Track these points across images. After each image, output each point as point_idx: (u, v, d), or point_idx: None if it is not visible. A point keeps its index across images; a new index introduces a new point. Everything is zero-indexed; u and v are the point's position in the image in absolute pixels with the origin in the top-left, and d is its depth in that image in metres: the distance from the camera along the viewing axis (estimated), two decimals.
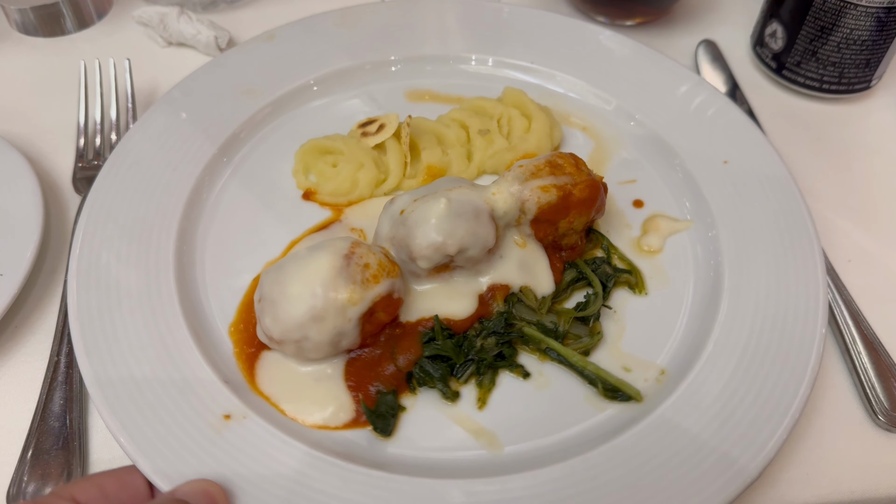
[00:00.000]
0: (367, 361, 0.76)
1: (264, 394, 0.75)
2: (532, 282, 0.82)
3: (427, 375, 0.76)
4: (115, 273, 0.79)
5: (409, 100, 1.05)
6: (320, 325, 0.71)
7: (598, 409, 0.75)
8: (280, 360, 0.77)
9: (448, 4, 1.11)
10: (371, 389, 0.75)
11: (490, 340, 0.78)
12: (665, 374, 0.78)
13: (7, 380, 0.79)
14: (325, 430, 0.73)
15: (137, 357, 0.73)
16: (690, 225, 0.90)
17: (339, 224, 0.89)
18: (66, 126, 1.02)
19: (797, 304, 0.78)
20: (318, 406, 0.74)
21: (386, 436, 0.72)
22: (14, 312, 0.83)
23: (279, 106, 1.00)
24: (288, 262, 0.74)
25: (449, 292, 0.80)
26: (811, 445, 0.76)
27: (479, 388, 0.77)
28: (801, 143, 1.05)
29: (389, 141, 0.93)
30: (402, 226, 0.77)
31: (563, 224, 0.82)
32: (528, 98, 0.98)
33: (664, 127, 0.98)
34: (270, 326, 0.72)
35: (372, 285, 0.73)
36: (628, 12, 1.20)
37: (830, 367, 0.82)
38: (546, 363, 0.79)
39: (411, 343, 0.77)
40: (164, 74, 1.10)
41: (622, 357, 0.80)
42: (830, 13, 0.99)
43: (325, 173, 0.92)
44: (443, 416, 0.75)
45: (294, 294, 0.71)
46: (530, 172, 0.81)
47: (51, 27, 1.16)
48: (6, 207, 0.86)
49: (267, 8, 1.23)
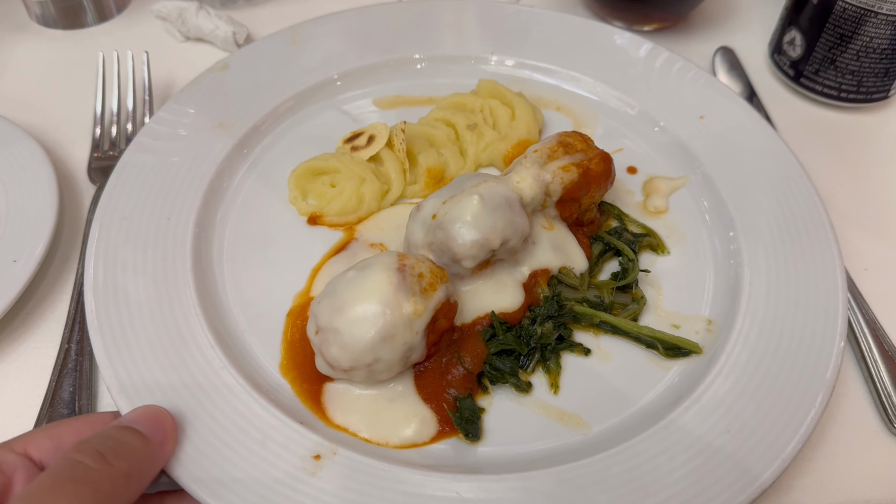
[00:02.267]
0: (434, 371, 0.75)
1: (341, 426, 0.72)
2: (567, 261, 0.83)
3: (498, 372, 0.75)
4: (153, 371, 0.73)
5: (380, 107, 1.03)
6: (391, 344, 0.69)
7: (665, 369, 0.78)
8: (345, 388, 0.74)
9: (409, 6, 1.11)
10: (447, 397, 0.73)
11: (548, 325, 0.78)
12: (713, 323, 0.81)
13: (18, 366, 0.79)
14: (414, 448, 0.71)
15: (202, 419, 0.68)
16: (687, 179, 0.94)
17: (357, 242, 0.87)
18: (83, 117, 1.03)
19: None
20: (401, 425, 0.72)
21: (477, 439, 0.71)
22: (26, 299, 0.83)
23: (252, 135, 0.95)
24: (339, 287, 0.72)
25: (495, 287, 0.80)
26: (826, 453, 0.75)
27: (547, 374, 0.77)
28: (819, 151, 1.04)
29: (383, 151, 0.91)
30: (440, 230, 0.76)
31: (585, 200, 0.84)
32: (503, 87, 0.99)
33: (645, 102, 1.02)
34: (339, 356, 0.69)
35: (431, 294, 0.72)
36: (646, 18, 1.20)
37: (846, 376, 0.81)
38: (601, 337, 0.80)
39: (475, 344, 0.76)
40: (181, 69, 1.11)
41: (668, 316, 0.82)
42: (850, 21, 0.98)
43: (326, 194, 0.89)
44: (523, 409, 0.75)
45: (358, 317, 0.69)
46: (546, 156, 0.82)
47: (71, 20, 1.18)
48: (22, 195, 0.87)
49: (284, 6, 1.24)
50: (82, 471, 0.53)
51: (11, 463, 0.55)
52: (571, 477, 0.67)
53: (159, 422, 0.62)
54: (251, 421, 0.68)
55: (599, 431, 0.73)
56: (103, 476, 0.53)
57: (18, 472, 0.55)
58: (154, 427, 0.61)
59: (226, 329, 0.78)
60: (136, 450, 0.58)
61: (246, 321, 0.79)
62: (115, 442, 0.57)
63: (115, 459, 0.55)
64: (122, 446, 0.57)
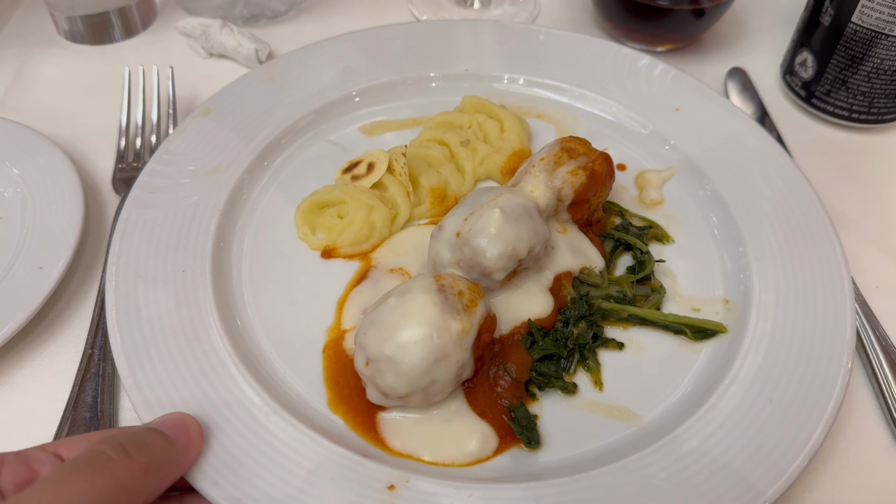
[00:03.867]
0: (482, 386, 0.76)
1: (403, 453, 0.72)
2: (586, 261, 0.86)
3: (544, 377, 0.77)
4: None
5: (367, 134, 1.04)
6: (445, 364, 0.70)
7: (696, 352, 0.81)
8: (400, 415, 0.74)
9: (402, 29, 1.12)
10: (500, 409, 0.75)
11: (581, 325, 0.80)
12: (730, 302, 0.85)
13: (42, 370, 0.81)
14: (479, 464, 0.71)
15: (268, 468, 0.67)
16: (675, 170, 0.99)
17: (376, 269, 0.87)
18: (108, 130, 1.06)
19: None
20: (463, 443, 0.72)
21: (538, 446, 0.73)
22: (51, 305, 0.86)
23: (248, 178, 0.94)
24: (382, 315, 0.72)
25: (524, 296, 0.82)
26: (836, 468, 0.75)
27: (589, 372, 0.79)
28: (830, 171, 1.05)
29: (385, 176, 0.92)
30: (467, 246, 0.77)
31: (594, 200, 0.86)
32: (487, 101, 1.01)
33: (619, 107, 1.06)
34: (395, 384, 0.69)
35: (473, 310, 0.73)
36: (658, 38, 1.22)
37: (857, 391, 0.81)
38: (630, 330, 0.83)
39: (517, 353, 0.78)
40: (204, 84, 1.14)
41: (686, 301, 0.86)
42: (861, 43, 0.99)
43: (336, 226, 0.89)
44: (572, 410, 0.76)
45: (410, 342, 0.69)
46: (553, 163, 0.85)
47: (98, 35, 1.22)
48: (49, 204, 0.89)
49: (306, 24, 1.29)
50: (103, 459, 0.54)
51: (40, 458, 0.57)
52: (638, 467, 0.69)
53: (184, 427, 0.64)
54: (314, 460, 0.68)
55: (650, 420, 0.75)
56: (122, 467, 0.55)
57: (46, 467, 0.57)
58: (179, 431, 0.63)
59: (267, 374, 0.76)
60: (158, 448, 0.60)
61: (284, 363, 0.78)
62: (139, 438, 0.59)
63: (137, 454, 0.56)
64: (145, 443, 0.59)
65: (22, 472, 0.56)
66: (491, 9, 1.33)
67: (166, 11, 1.30)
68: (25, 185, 0.92)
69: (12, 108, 1.11)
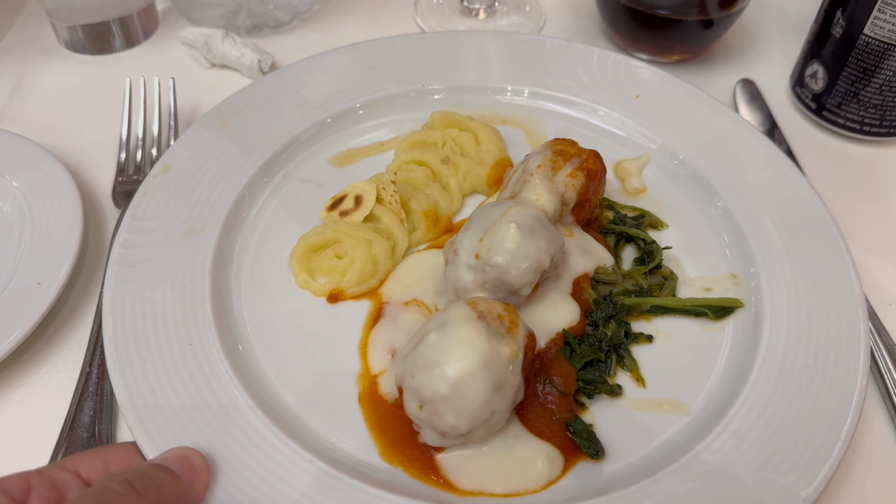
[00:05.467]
0: (532, 405, 0.74)
1: (474, 491, 0.69)
2: (598, 261, 0.85)
3: (591, 384, 0.76)
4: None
5: (337, 165, 0.99)
6: (502, 392, 0.68)
7: (721, 331, 0.83)
8: (459, 453, 0.71)
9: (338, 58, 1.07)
10: (556, 426, 0.73)
11: (612, 325, 0.80)
12: (737, 277, 0.87)
13: (39, 388, 0.79)
14: (550, 487, 0.70)
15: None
16: (649, 156, 1.00)
17: (389, 305, 0.83)
18: (108, 141, 1.05)
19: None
20: (531, 468, 0.70)
21: (604, 455, 0.72)
22: (48, 322, 0.84)
23: (228, 233, 0.88)
24: (426, 355, 0.68)
25: (550, 306, 0.81)
26: (851, 492, 0.73)
27: (628, 371, 0.79)
28: (841, 184, 1.03)
29: (375, 207, 0.88)
30: (489, 267, 0.75)
31: (594, 199, 0.86)
32: (457, 114, 1.00)
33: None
34: (456, 422, 0.67)
35: (515, 331, 0.71)
36: (666, 49, 1.20)
37: (871, 412, 0.79)
38: (654, 320, 0.83)
39: (560, 365, 0.76)
40: (206, 95, 1.12)
41: (697, 282, 0.87)
42: (873, 55, 0.98)
43: (336, 268, 0.85)
44: (624, 412, 0.76)
45: (465, 377, 0.66)
46: (550, 168, 0.84)
47: (99, 45, 1.20)
48: (47, 218, 0.88)
49: (310, 34, 1.27)
50: (110, 496, 0.55)
51: (66, 481, 0.58)
52: (707, 456, 0.69)
53: (189, 461, 0.64)
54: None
55: (700, 407, 0.76)
56: (130, 503, 0.55)
57: (73, 490, 0.58)
58: (184, 466, 0.63)
59: (312, 438, 0.72)
60: (164, 484, 0.60)
61: (323, 422, 0.74)
62: (146, 475, 0.59)
63: (144, 490, 0.57)
64: (152, 480, 0.59)
65: (51, 498, 0.57)
66: (496, 19, 1.32)
67: (168, 21, 1.28)
68: (24, 198, 0.90)
69: (12, 119, 1.09)
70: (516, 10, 1.33)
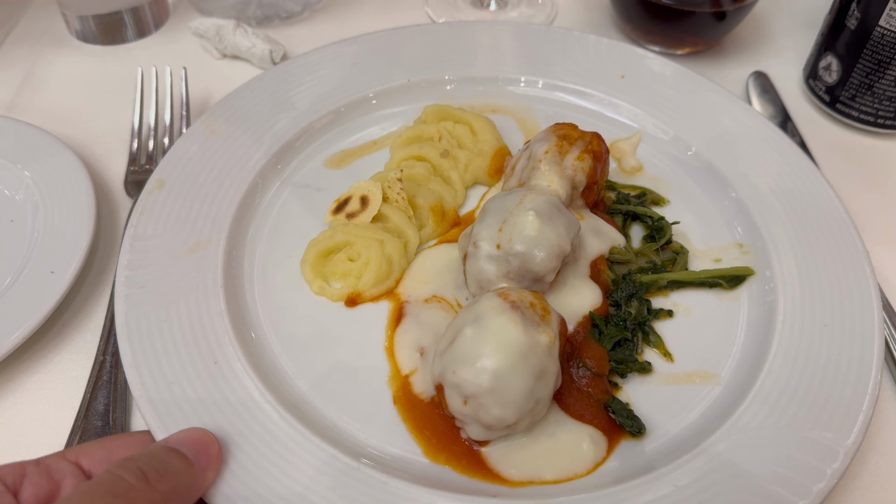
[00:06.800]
0: (568, 390, 0.75)
1: (524, 481, 0.69)
2: (610, 241, 0.86)
3: (622, 363, 0.77)
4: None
5: (333, 167, 0.98)
6: (545, 380, 0.68)
7: (736, 300, 0.84)
8: (503, 446, 0.71)
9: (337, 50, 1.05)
10: (595, 408, 0.74)
11: (634, 304, 0.81)
12: (743, 246, 0.89)
13: (53, 376, 0.79)
14: (597, 469, 0.70)
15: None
16: (640, 135, 1.01)
17: (410, 304, 0.82)
18: (120, 131, 1.05)
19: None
20: (577, 452, 0.71)
21: (645, 431, 0.72)
22: (62, 310, 0.84)
23: (235, 245, 0.86)
24: (465, 349, 0.67)
25: (572, 291, 0.81)
26: (867, 483, 0.73)
27: (654, 347, 0.80)
28: (855, 177, 1.03)
29: (382, 206, 0.87)
30: (512, 256, 0.75)
31: (600, 181, 0.87)
32: (450, 107, 0.99)
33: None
34: (502, 414, 0.66)
35: (548, 317, 0.71)
36: (679, 42, 1.19)
37: (887, 405, 0.79)
38: (670, 295, 0.85)
39: (592, 348, 0.77)
40: (217, 85, 1.12)
41: (706, 254, 0.89)
42: (889, 47, 0.96)
43: (351, 271, 0.83)
44: (656, 387, 0.77)
45: (508, 368, 0.66)
46: (557, 153, 0.84)
47: (111, 35, 1.20)
48: (60, 207, 0.88)
49: (321, 25, 1.27)
50: (123, 487, 0.53)
51: (62, 469, 0.57)
52: (746, 423, 0.70)
53: (205, 447, 0.62)
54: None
55: (729, 376, 0.77)
56: (142, 496, 0.54)
57: (67, 479, 0.57)
58: (200, 452, 0.62)
59: (355, 446, 0.71)
60: (178, 473, 0.58)
61: (362, 429, 0.72)
62: (160, 463, 0.57)
63: (157, 481, 0.55)
64: (166, 469, 0.57)
65: (44, 485, 0.56)
66: (507, 10, 1.30)
67: (179, 11, 1.28)
68: (37, 187, 0.90)
69: (23, 109, 1.09)
70: (528, 2, 1.32)
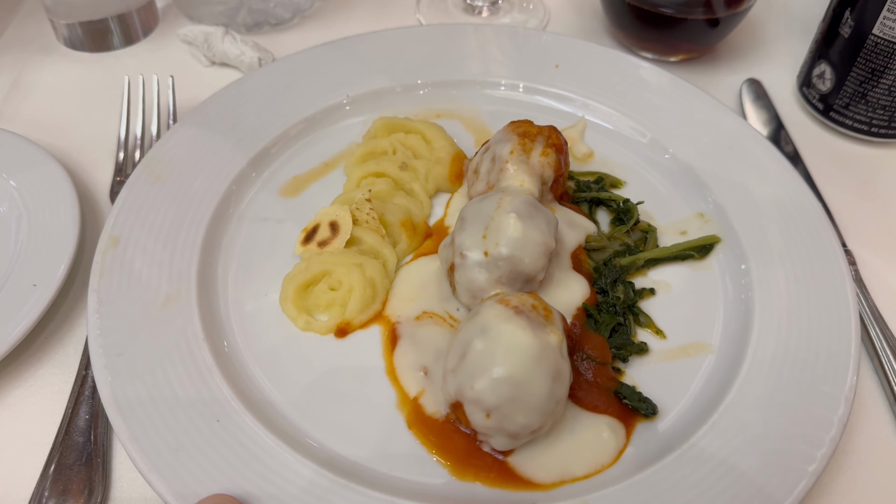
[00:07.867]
0: (577, 383, 0.75)
1: (555, 482, 0.69)
2: (584, 231, 0.87)
3: (622, 349, 0.78)
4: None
5: (287, 196, 0.94)
6: (560, 379, 0.68)
7: (709, 269, 0.87)
8: (526, 452, 0.71)
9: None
10: (606, 397, 0.75)
11: (619, 288, 0.83)
12: (704, 215, 0.92)
13: (34, 391, 0.78)
14: (622, 456, 0.71)
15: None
16: (585, 121, 1.03)
17: (402, 325, 0.81)
18: (107, 140, 1.03)
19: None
20: (598, 443, 0.72)
21: (657, 412, 0.74)
22: (45, 324, 0.83)
23: (206, 297, 0.81)
24: (477, 362, 0.67)
25: (560, 285, 0.82)
26: (847, 480, 0.73)
27: (646, 327, 0.82)
28: (848, 186, 1.02)
29: (354, 229, 0.85)
30: (501, 261, 0.75)
31: (565, 172, 0.88)
32: (397, 118, 0.98)
33: None
34: (528, 421, 0.66)
35: (552, 317, 0.72)
36: (671, 48, 1.18)
37: (874, 409, 0.79)
38: (648, 274, 0.87)
39: (591, 338, 0.78)
40: (206, 93, 1.05)
41: (671, 228, 0.92)
42: (882, 56, 0.96)
43: (335, 300, 0.81)
44: (655, 366, 0.79)
45: (523, 374, 0.66)
46: (522, 151, 0.85)
47: (98, 42, 1.19)
48: (44, 218, 0.87)
49: (311, 32, 1.26)
50: None
51: None
52: (751, 387, 0.73)
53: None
54: None
55: (721, 343, 0.80)
56: None
57: None
58: None
59: (380, 482, 0.69)
60: None
61: (382, 462, 0.71)
62: None
63: None
64: None
65: None
66: (499, 16, 1.29)
67: (168, 18, 1.27)
68: (20, 198, 0.89)
69: (9, 118, 1.08)
70: (519, 8, 1.32)
